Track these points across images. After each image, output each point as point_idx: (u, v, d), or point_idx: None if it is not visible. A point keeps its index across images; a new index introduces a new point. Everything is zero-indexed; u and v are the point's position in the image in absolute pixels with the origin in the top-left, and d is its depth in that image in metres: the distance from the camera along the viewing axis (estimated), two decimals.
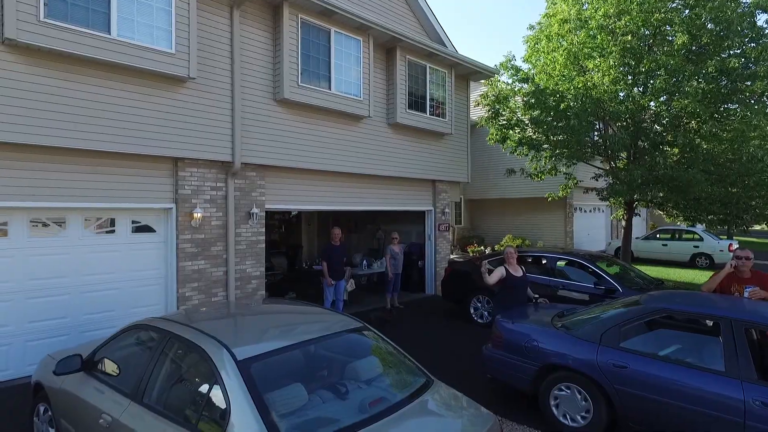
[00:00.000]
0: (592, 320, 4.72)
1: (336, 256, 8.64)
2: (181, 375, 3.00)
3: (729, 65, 9.31)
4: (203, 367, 2.73)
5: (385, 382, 3.01)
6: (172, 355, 3.00)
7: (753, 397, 3.61)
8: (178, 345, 3.00)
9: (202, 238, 7.25)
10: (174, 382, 2.96)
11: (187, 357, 2.96)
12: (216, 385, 2.57)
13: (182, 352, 2.98)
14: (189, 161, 7.07)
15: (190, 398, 2.78)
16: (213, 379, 2.60)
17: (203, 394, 2.65)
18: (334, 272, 8.54)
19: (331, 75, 8.55)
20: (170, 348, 3.02)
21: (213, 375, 2.61)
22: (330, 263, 8.49)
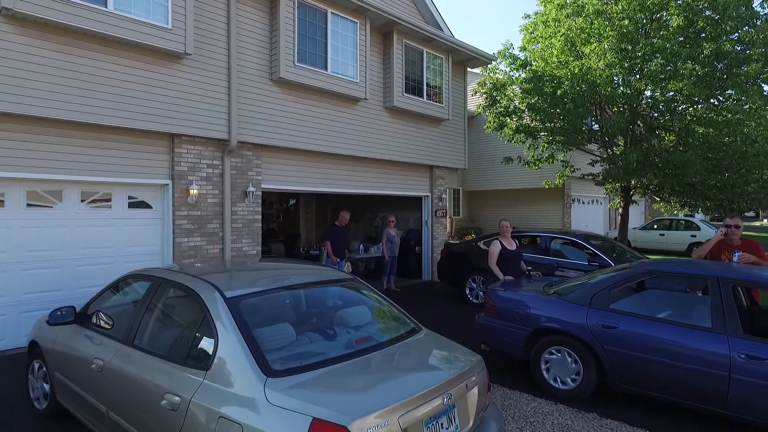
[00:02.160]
0: (583, 285, 4.76)
1: (341, 237, 8.66)
2: (171, 316, 3.05)
3: (724, 49, 9.34)
4: (193, 307, 2.77)
5: (374, 327, 3.06)
6: (163, 299, 3.05)
7: (738, 351, 3.66)
8: (169, 289, 3.05)
9: (199, 215, 7.29)
10: (164, 323, 3.00)
11: (178, 299, 3.00)
12: (205, 321, 2.61)
13: (173, 295, 3.03)
14: (185, 138, 7.11)
15: (180, 336, 2.83)
16: (202, 316, 2.64)
17: (192, 331, 2.70)
18: (338, 252, 8.55)
19: (328, 56, 8.59)
20: (161, 292, 3.07)
21: (202, 312, 2.65)
22: (335, 243, 8.50)
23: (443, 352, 2.90)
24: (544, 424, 4.04)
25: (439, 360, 2.84)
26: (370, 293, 3.39)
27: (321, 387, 2.25)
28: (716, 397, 3.74)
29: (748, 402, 3.61)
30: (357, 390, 2.31)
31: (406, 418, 2.15)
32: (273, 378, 2.23)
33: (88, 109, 6.03)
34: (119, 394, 2.81)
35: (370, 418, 2.04)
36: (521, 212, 18.97)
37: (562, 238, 8.27)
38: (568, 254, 7.92)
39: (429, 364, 2.80)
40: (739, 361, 3.64)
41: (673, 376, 3.94)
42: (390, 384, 2.44)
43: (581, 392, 4.45)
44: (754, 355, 3.58)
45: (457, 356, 2.80)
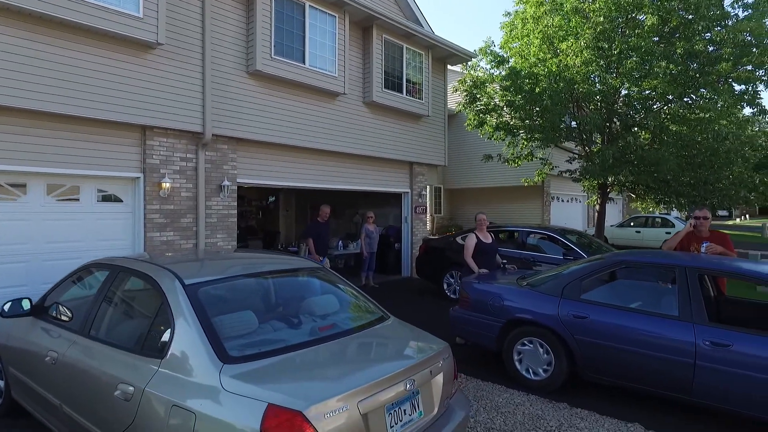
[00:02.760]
0: (555, 276, 4.79)
1: (323, 233, 8.46)
2: (128, 305, 2.96)
3: (696, 48, 9.54)
4: (151, 295, 2.68)
5: (341, 316, 3.00)
6: (121, 287, 2.95)
7: (703, 338, 3.71)
8: (127, 277, 2.96)
9: (172, 209, 7.14)
10: (122, 312, 2.91)
11: (136, 287, 2.91)
12: (163, 309, 2.53)
13: (131, 283, 2.94)
14: (158, 130, 6.95)
15: (137, 325, 2.74)
16: (160, 304, 2.56)
17: (150, 319, 2.62)
18: (320, 249, 8.35)
19: (306, 50, 8.50)
20: (120, 281, 2.97)
21: (160, 300, 2.57)
22: (317, 240, 8.28)
23: (408, 339, 2.87)
24: (515, 414, 4.04)
25: (404, 347, 2.81)
26: (339, 282, 3.34)
27: (278, 373, 2.20)
28: (682, 384, 3.79)
29: (712, 389, 3.67)
30: (316, 376, 2.26)
31: (366, 404, 2.11)
32: (229, 365, 2.16)
33: (56, 98, 5.84)
34: (73, 387, 2.71)
35: (328, 402, 1.99)
36: (502, 210, 19.10)
37: (538, 232, 8.33)
38: (545, 248, 7.98)
39: (393, 350, 2.76)
40: (704, 349, 3.69)
41: (641, 365, 3.98)
42: (350, 370, 2.39)
43: (552, 382, 4.47)
44: (719, 342, 3.64)
45: (422, 343, 2.77)
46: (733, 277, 4.22)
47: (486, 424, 3.87)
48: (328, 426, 1.96)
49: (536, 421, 3.92)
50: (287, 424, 1.90)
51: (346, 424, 2.02)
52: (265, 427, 1.88)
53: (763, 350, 3.51)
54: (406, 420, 2.33)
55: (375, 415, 2.16)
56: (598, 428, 3.82)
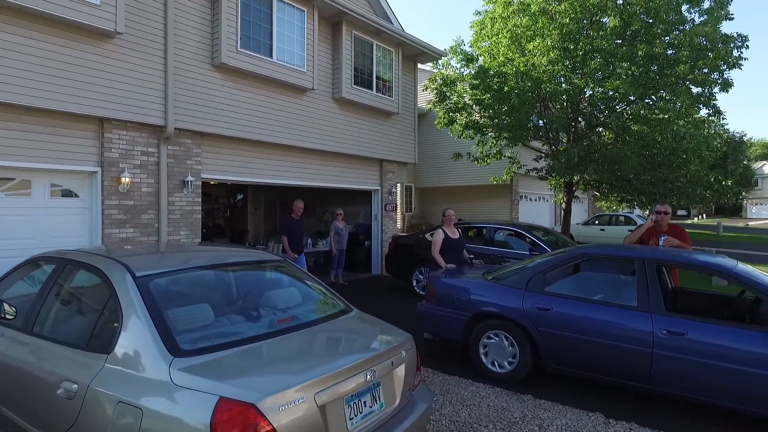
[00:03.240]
0: (520, 270, 4.83)
1: (297, 229, 8.16)
2: (75, 299, 2.81)
3: (656, 51, 9.86)
4: (100, 288, 2.55)
5: (302, 309, 2.93)
6: (68, 281, 2.80)
7: (660, 328, 3.81)
8: (73, 270, 2.80)
9: (132, 205, 6.88)
10: (68, 307, 2.76)
11: (84, 280, 2.76)
12: (111, 302, 2.40)
13: (79, 276, 2.79)
14: (116, 123, 6.69)
15: (83, 320, 2.60)
16: (108, 297, 2.43)
17: (97, 313, 2.49)
18: (295, 246, 8.05)
19: (273, 43, 8.35)
20: (66, 274, 2.81)
21: (109, 293, 2.44)
22: (291, 237, 7.97)
23: (370, 331, 2.83)
24: (480, 407, 4.05)
25: (365, 338, 2.76)
26: (302, 276, 3.26)
27: (232, 366, 2.11)
28: (641, 372, 3.88)
29: (669, 376, 3.77)
30: (271, 368, 2.19)
31: (324, 395, 2.05)
32: (180, 358, 2.07)
33: (4, 87, 5.54)
34: (13, 387, 2.55)
35: (283, 394, 1.92)
36: (471, 208, 19.31)
37: (505, 229, 8.44)
38: (512, 245, 8.09)
39: (353, 341, 2.71)
40: (660, 337, 3.79)
41: (602, 355, 4.05)
42: (308, 361, 2.33)
43: (517, 374, 4.51)
44: (675, 331, 3.74)
45: (384, 334, 2.73)
46: (688, 268, 4.36)
47: (451, 417, 3.87)
48: (283, 419, 1.89)
49: (501, 413, 3.94)
50: (240, 418, 1.82)
51: (303, 417, 1.96)
52: (216, 421, 1.80)
53: (714, 338, 3.63)
54: (366, 412, 2.28)
55: (333, 407, 2.11)
56: (560, 418, 3.87)
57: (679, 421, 3.84)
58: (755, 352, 3.46)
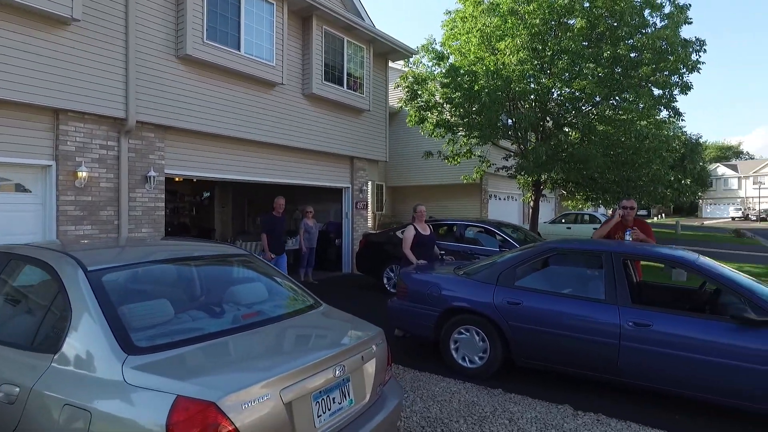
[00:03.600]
0: (490, 265, 4.84)
1: (278, 227, 7.85)
2: (21, 295, 2.61)
3: (620, 53, 10.13)
4: (48, 284, 2.37)
5: (268, 304, 2.82)
6: (12, 277, 2.60)
7: (627, 320, 3.87)
8: (21, 265, 2.61)
9: (89, 201, 6.56)
10: (11, 304, 2.56)
11: (29, 276, 2.57)
12: (59, 298, 2.23)
13: (23, 271, 2.59)
14: (73, 114, 6.36)
15: (29, 318, 2.41)
16: (56, 293, 2.26)
17: (44, 309, 2.31)
18: (276, 246, 7.74)
19: (241, 36, 8.13)
20: (12, 270, 2.61)
21: (57, 288, 2.27)
22: (272, 235, 7.66)
23: (340, 325, 2.74)
24: (451, 402, 4.03)
25: (334, 332, 2.68)
26: (267, 269, 3.14)
27: (192, 363, 1.99)
28: (608, 364, 3.93)
29: (635, 367, 3.83)
30: (234, 364, 2.07)
31: (290, 392, 1.95)
32: (135, 356, 1.93)
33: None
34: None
35: (246, 391, 1.81)
36: (442, 207, 19.41)
37: (475, 226, 8.49)
38: (482, 241, 8.14)
39: (322, 336, 2.62)
40: (627, 329, 3.86)
41: (571, 347, 4.09)
42: (274, 357, 2.23)
43: (488, 369, 4.51)
44: (641, 322, 3.81)
45: (354, 329, 2.65)
46: (654, 261, 4.45)
47: (422, 413, 3.82)
48: (246, 418, 1.79)
49: (471, 408, 3.92)
50: (199, 418, 1.70)
51: (267, 415, 1.86)
52: (173, 422, 1.68)
53: (678, 329, 3.71)
54: (335, 408, 2.20)
55: (300, 404, 2.01)
56: (530, 411, 3.88)
57: (645, 411, 3.91)
58: (717, 341, 3.56)
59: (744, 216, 53.07)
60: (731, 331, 3.56)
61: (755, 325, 3.49)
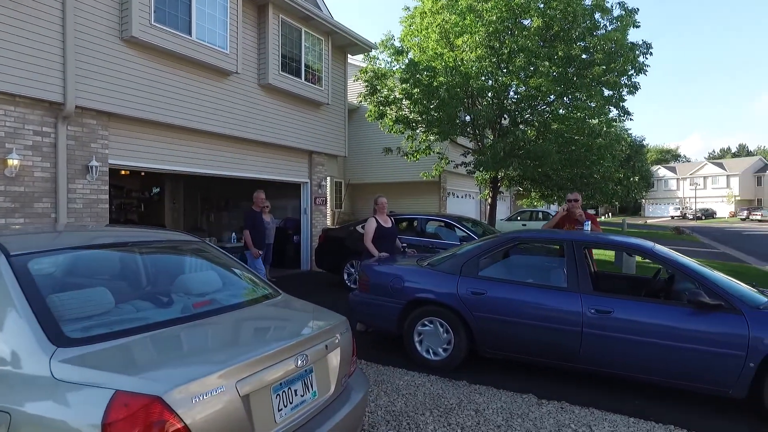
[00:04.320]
0: (453, 255, 4.78)
1: (260, 222, 7.50)
2: None
3: (573, 53, 10.42)
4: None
5: (223, 294, 2.59)
6: None
7: (588, 306, 3.90)
8: None
9: (21, 192, 6.01)
10: None
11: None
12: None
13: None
14: (2, 96, 5.80)
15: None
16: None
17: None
18: (259, 242, 7.39)
19: (192, 20, 7.72)
20: None
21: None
22: (255, 231, 7.30)
23: (301, 314, 2.56)
24: (416, 396, 3.92)
25: (295, 321, 2.49)
26: (221, 257, 2.91)
27: (133, 355, 1.77)
28: (571, 352, 3.95)
29: (597, 354, 3.87)
30: (182, 356, 1.86)
31: (246, 384, 1.76)
32: (65, 348, 1.68)
33: None
34: None
35: (197, 383, 1.61)
36: (401, 204, 19.40)
37: (437, 220, 8.46)
38: (443, 235, 8.12)
39: (282, 325, 2.43)
40: (589, 317, 3.88)
41: (534, 336, 4.08)
42: (228, 347, 2.02)
43: (452, 361, 4.44)
44: (602, 309, 3.84)
45: (316, 318, 2.48)
46: (614, 249, 4.53)
47: (387, 407, 3.69)
48: (197, 413, 1.58)
49: (437, 400, 3.83)
50: (141, 415, 1.49)
51: (222, 410, 1.66)
52: (110, 420, 1.46)
53: (638, 315, 3.77)
54: (297, 402, 2.02)
55: (259, 398, 1.82)
56: (495, 401, 3.83)
57: (606, 397, 3.95)
58: (674, 326, 3.63)
59: (682, 215, 56.53)
60: (687, 315, 3.65)
61: (708, 309, 3.59)
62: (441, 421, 3.46)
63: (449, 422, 3.45)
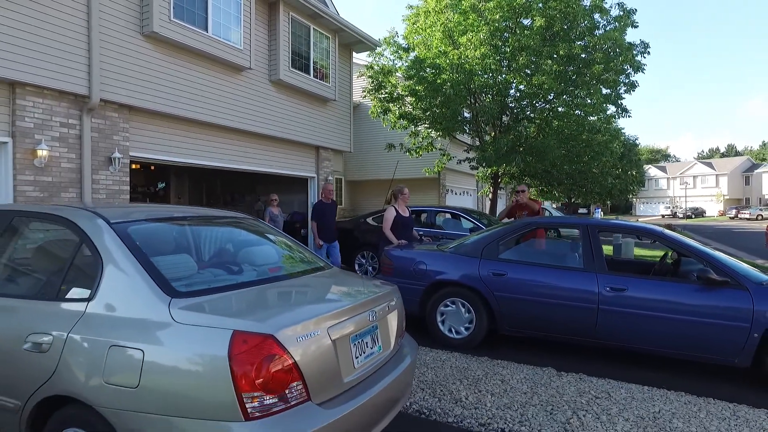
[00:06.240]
0: (474, 240, 5.04)
1: (329, 214, 7.69)
2: (31, 252, 2.49)
3: (574, 52, 10.75)
4: (65, 237, 2.28)
5: (286, 264, 2.84)
6: (18, 233, 2.47)
7: (604, 285, 4.18)
8: (25, 221, 2.48)
9: (50, 182, 6.18)
10: (20, 261, 2.44)
11: (39, 230, 2.46)
12: (84, 249, 2.17)
13: (31, 227, 2.47)
14: (31, 88, 5.97)
15: (46, 271, 2.31)
16: (79, 245, 2.19)
17: (66, 262, 2.21)
18: (326, 234, 7.56)
19: (208, 16, 7.92)
20: (15, 227, 2.48)
21: (80, 240, 2.20)
22: (321, 222, 7.52)
23: (360, 280, 2.82)
24: (444, 368, 4.18)
25: (359, 285, 2.74)
26: (276, 234, 3.15)
27: (238, 304, 2.01)
28: (588, 328, 4.23)
29: (612, 329, 4.15)
30: (280, 305, 2.11)
31: (336, 331, 2.01)
32: (178, 299, 1.92)
33: None
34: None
35: (300, 326, 1.86)
36: None
37: (445, 212, 8.74)
38: (453, 226, 8.39)
39: (350, 287, 2.68)
40: (605, 295, 4.17)
41: (553, 314, 4.36)
42: (315, 301, 2.27)
43: (474, 339, 4.71)
44: (617, 287, 4.13)
45: (372, 284, 2.73)
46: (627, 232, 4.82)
47: (419, 377, 3.95)
48: (300, 350, 1.83)
49: (464, 372, 4.10)
50: (257, 350, 1.73)
51: (318, 351, 1.91)
52: (233, 353, 1.70)
53: (650, 292, 4.06)
54: (368, 352, 2.27)
55: (342, 344, 2.07)
56: (518, 373, 4.10)
57: (620, 370, 4.24)
58: (686, 302, 3.93)
59: (672, 214, 57.47)
60: (695, 291, 3.95)
61: (716, 285, 3.89)
62: (471, 388, 3.73)
63: (479, 389, 3.72)
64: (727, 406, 3.50)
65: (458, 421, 3.22)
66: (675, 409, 3.41)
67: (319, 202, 7.96)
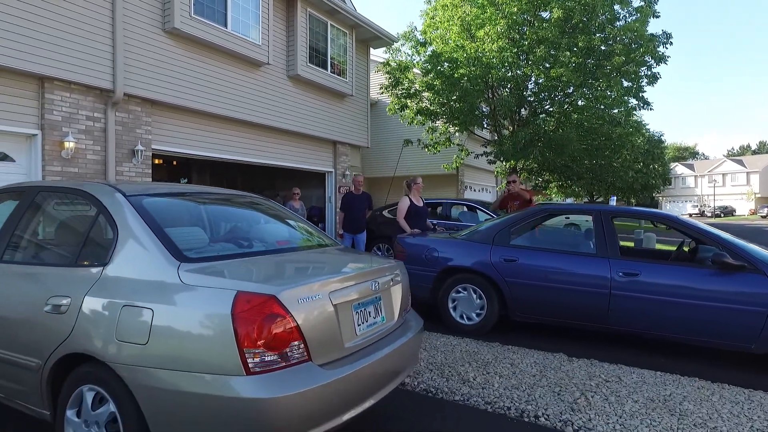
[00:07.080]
0: (486, 227, 5.05)
1: (357, 205, 7.82)
2: (53, 223, 2.63)
3: (593, 44, 10.60)
4: (83, 209, 2.42)
5: (293, 239, 2.92)
6: (42, 207, 2.61)
7: (617, 270, 4.15)
8: (49, 195, 2.62)
9: (76, 173, 6.43)
10: (44, 231, 2.58)
11: (61, 204, 2.60)
12: (100, 219, 2.29)
13: (54, 201, 2.61)
14: (59, 83, 6.22)
15: (66, 240, 2.45)
16: (96, 215, 2.32)
17: (84, 232, 2.34)
18: (351, 222, 7.72)
19: (228, 13, 8.10)
20: (39, 201, 2.62)
21: (96, 211, 2.32)
22: (348, 213, 7.73)
23: (366, 255, 2.88)
24: (454, 352, 4.21)
25: (363, 258, 2.80)
26: (284, 212, 3.24)
27: (244, 269, 2.09)
28: (600, 313, 4.20)
29: (624, 314, 4.12)
30: (284, 271, 2.19)
31: (338, 296, 2.08)
32: (187, 263, 2.02)
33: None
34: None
35: (302, 289, 1.93)
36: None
37: (460, 204, 8.74)
38: (468, 218, 8.39)
39: (353, 259, 2.74)
40: (617, 280, 4.13)
41: (565, 299, 4.34)
42: (319, 268, 2.35)
43: (485, 325, 4.72)
44: (630, 272, 4.09)
45: (377, 258, 2.79)
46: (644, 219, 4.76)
47: (428, 360, 3.99)
48: (301, 312, 1.90)
49: (473, 356, 4.12)
50: (259, 309, 1.81)
51: (319, 315, 1.98)
52: (236, 312, 1.78)
53: (662, 277, 4.01)
54: (371, 321, 2.33)
55: (344, 311, 2.14)
56: (528, 358, 4.10)
57: (632, 357, 4.20)
58: (700, 287, 3.87)
59: (700, 212, 55.82)
60: (710, 276, 3.88)
61: (732, 269, 3.82)
62: (480, 370, 3.75)
63: (487, 371, 3.74)
64: (742, 391, 3.43)
65: (465, 399, 3.25)
66: (687, 393, 3.37)
67: (349, 192, 8.18)
